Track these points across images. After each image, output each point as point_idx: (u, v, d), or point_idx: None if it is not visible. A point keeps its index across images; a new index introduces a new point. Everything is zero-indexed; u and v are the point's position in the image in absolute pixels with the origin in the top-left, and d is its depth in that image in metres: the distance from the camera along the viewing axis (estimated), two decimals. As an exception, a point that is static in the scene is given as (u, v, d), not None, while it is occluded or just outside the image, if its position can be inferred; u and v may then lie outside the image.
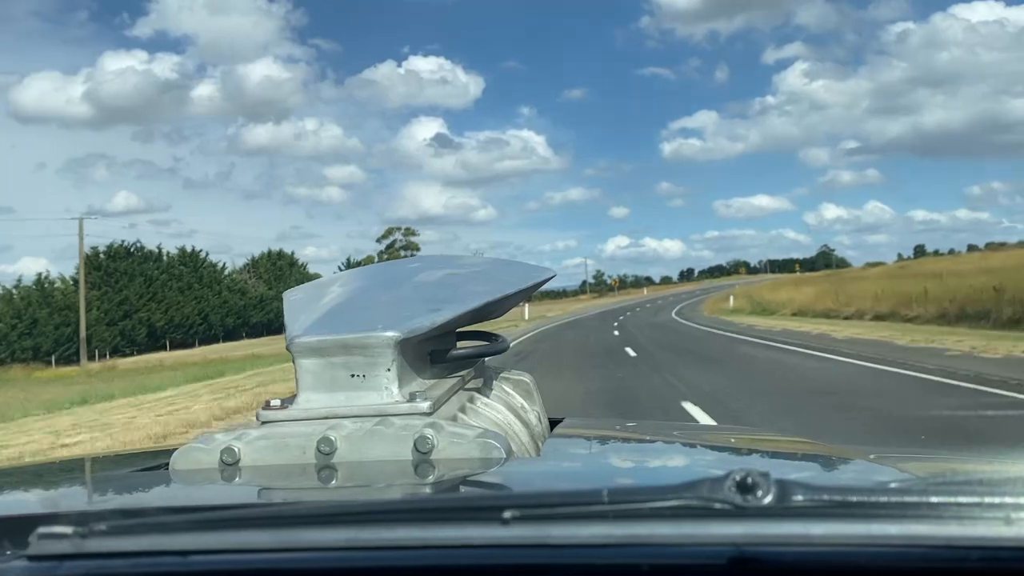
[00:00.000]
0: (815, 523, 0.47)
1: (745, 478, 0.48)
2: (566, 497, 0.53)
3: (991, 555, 0.46)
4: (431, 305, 0.93)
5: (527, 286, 1.13)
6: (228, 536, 0.52)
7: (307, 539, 0.51)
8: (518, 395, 1.12)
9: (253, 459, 0.77)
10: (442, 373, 0.99)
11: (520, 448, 0.94)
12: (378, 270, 1.26)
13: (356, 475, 0.73)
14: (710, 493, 0.48)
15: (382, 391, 0.83)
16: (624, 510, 0.49)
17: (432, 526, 0.50)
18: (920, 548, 0.47)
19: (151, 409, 11.07)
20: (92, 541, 0.52)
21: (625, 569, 0.49)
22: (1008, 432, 5.63)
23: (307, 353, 0.84)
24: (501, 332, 1.14)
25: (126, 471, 0.98)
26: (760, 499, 0.47)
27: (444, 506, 0.55)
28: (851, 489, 0.49)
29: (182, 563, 0.52)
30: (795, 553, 0.47)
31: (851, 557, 0.47)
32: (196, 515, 0.56)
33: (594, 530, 0.48)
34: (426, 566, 0.51)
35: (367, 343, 0.83)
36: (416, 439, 0.74)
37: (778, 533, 0.47)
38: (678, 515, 0.48)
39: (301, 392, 0.85)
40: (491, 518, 0.49)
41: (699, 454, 1.08)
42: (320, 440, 0.75)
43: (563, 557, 0.49)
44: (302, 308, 0.98)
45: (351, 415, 0.81)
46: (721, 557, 0.48)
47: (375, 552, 0.51)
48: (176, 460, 0.79)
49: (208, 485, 0.76)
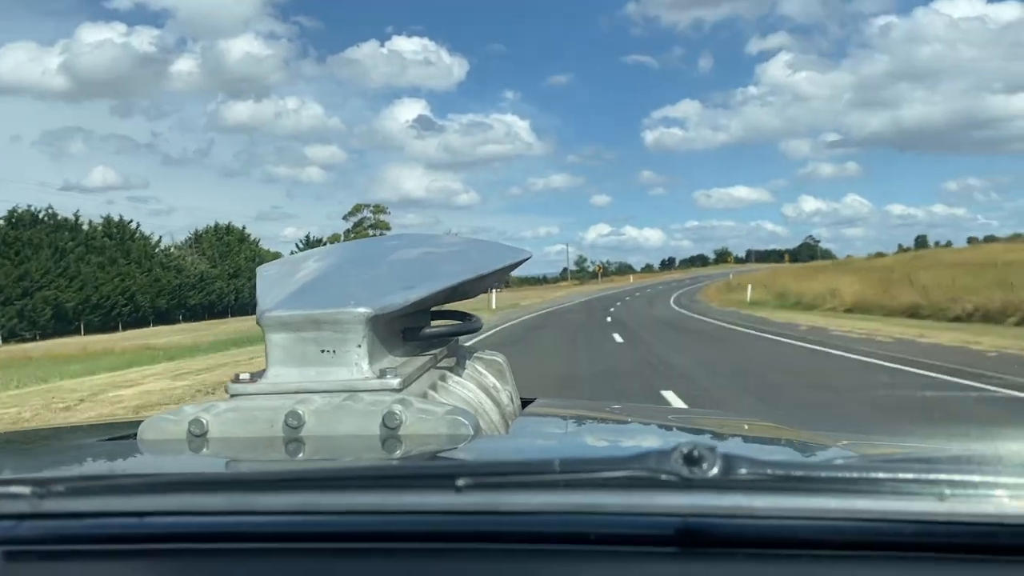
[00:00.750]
0: (758, 496, 0.50)
1: (692, 451, 0.51)
2: (518, 467, 0.57)
3: (924, 529, 0.50)
4: (405, 283, 0.96)
5: (503, 267, 1.16)
6: (184, 499, 0.55)
7: (262, 503, 0.54)
8: (490, 375, 1.15)
9: (221, 431, 0.79)
10: (414, 351, 1.02)
11: (490, 426, 0.97)
12: (354, 247, 1.29)
13: (323, 448, 0.76)
14: (657, 465, 0.51)
15: (352, 367, 0.86)
16: (574, 479, 0.52)
17: (387, 492, 0.53)
18: (858, 521, 0.50)
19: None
20: (49, 502, 0.54)
21: (573, 536, 0.52)
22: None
23: (277, 327, 0.87)
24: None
25: (93, 440, 1.00)
26: (706, 472, 0.50)
27: (399, 473, 0.58)
28: (794, 464, 0.53)
29: (138, 524, 0.55)
30: (738, 525, 0.51)
31: (792, 530, 0.51)
32: (152, 478, 0.58)
33: (544, 498, 0.52)
34: (380, 531, 0.53)
35: (338, 319, 0.86)
36: (384, 414, 0.76)
37: (722, 505, 0.50)
38: (626, 485, 0.51)
39: (271, 366, 0.87)
40: (444, 485, 0.52)
41: (659, 432, 1.12)
42: (288, 414, 0.77)
43: (514, 524, 0.53)
44: (274, 283, 1.00)
45: (321, 390, 0.83)
46: (667, 527, 0.51)
47: (330, 516, 0.53)
48: (144, 430, 0.81)
49: (173, 455, 0.78)
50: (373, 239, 1.39)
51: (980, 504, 0.49)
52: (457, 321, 1.14)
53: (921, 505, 0.50)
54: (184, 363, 15.78)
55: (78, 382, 12.52)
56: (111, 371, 14.82)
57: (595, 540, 0.52)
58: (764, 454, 0.58)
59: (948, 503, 0.49)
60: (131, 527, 0.55)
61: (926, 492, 0.50)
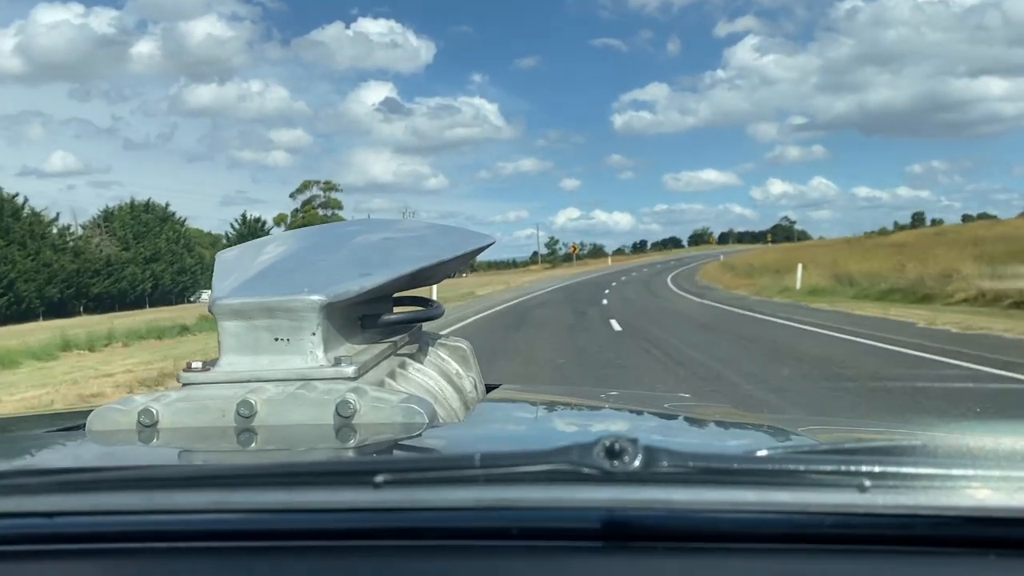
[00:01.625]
0: (678, 489, 0.52)
1: (613, 444, 0.52)
2: (438, 462, 0.58)
3: (843, 521, 0.52)
4: (362, 269, 0.96)
5: (465, 252, 1.17)
6: (93, 498, 0.56)
7: (174, 502, 0.55)
8: (453, 361, 1.16)
9: (172, 421, 0.80)
10: (374, 338, 1.03)
11: (450, 413, 0.99)
12: (314, 232, 1.28)
13: (275, 438, 0.76)
14: (579, 458, 0.52)
15: (306, 355, 0.86)
16: (495, 474, 0.53)
17: (302, 489, 0.54)
18: (777, 514, 0.52)
19: None
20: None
21: (494, 532, 0.54)
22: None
23: (229, 315, 0.87)
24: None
25: (41, 431, 1.00)
26: (627, 464, 0.52)
27: (315, 470, 0.59)
28: (714, 456, 0.54)
29: (48, 524, 0.56)
30: (659, 518, 0.53)
31: (712, 522, 0.53)
32: (60, 477, 0.60)
33: (464, 494, 0.53)
34: (295, 529, 0.55)
35: (291, 306, 0.86)
36: (338, 403, 0.77)
37: (642, 498, 0.52)
38: (547, 479, 0.52)
39: (223, 355, 0.88)
40: (362, 482, 0.53)
41: (600, 420, 1.14)
42: (240, 403, 0.78)
43: (433, 520, 0.54)
44: (231, 269, 1.01)
45: (274, 379, 0.84)
46: (587, 520, 0.53)
47: (243, 515, 0.55)
48: (92, 421, 0.81)
49: (122, 446, 0.79)
50: (334, 224, 1.39)
51: (899, 496, 0.51)
52: (419, 308, 1.16)
53: (841, 497, 0.51)
54: (31, 373, 12.12)
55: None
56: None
57: (517, 535, 0.53)
58: (689, 446, 0.59)
59: (868, 495, 0.51)
60: (42, 527, 0.56)
61: (846, 484, 0.51)
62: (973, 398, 6.48)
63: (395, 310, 1.12)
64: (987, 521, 0.50)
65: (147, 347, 16.26)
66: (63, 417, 1.07)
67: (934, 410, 6.36)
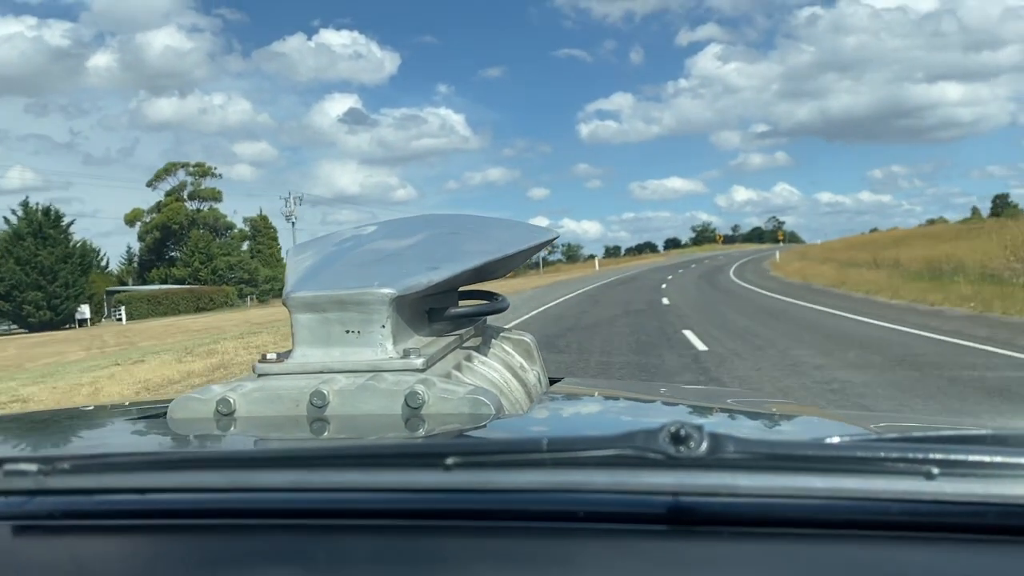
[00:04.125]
0: (743, 475, 0.53)
1: (679, 430, 0.53)
2: (507, 445, 0.60)
3: (910, 508, 0.52)
4: (430, 263, 0.98)
5: (529, 246, 1.19)
6: (182, 476, 0.59)
7: (258, 480, 0.58)
8: (517, 354, 1.19)
9: (248, 410, 0.83)
10: (440, 331, 1.05)
11: (515, 405, 1.00)
12: (381, 227, 1.30)
13: (346, 427, 0.80)
14: (645, 443, 0.53)
15: (376, 347, 0.89)
16: (561, 458, 0.54)
17: (377, 471, 0.57)
18: (844, 500, 0.53)
19: None
20: (54, 479, 0.59)
21: (561, 514, 0.55)
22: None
23: (302, 308, 0.90)
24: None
25: (125, 419, 1.05)
26: (692, 450, 0.53)
27: (389, 452, 0.61)
28: (780, 443, 0.55)
29: (140, 500, 0.60)
30: (724, 503, 0.54)
31: (778, 508, 0.53)
32: (151, 456, 0.63)
33: (532, 477, 0.54)
34: (370, 508, 0.57)
35: (362, 299, 0.89)
36: (407, 394, 0.80)
37: (707, 483, 0.53)
38: (613, 464, 0.54)
39: (296, 347, 0.91)
40: (434, 464, 0.55)
41: (664, 410, 1.15)
42: (313, 393, 0.81)
43: (502, 502, 0.56)
44: (302, 264, 1.04)
45: (345, 370, 0.87)
46: (653, 505, 0.55)
47: (322, 494, 0.57)
48: (173, 410, 0.86)
49: (202, 433, 0.83)
50: (401, 219, 1.38)
51: (968, 484, 0.51)
52: (484, 301, 1.18)
53: (908, 484, 0.52)
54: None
55: None
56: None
57: (583, 518, 0.55)
58: (753, 433, 0.59)
59: (936, 482, 0.51)
60: (133, 503, 0.60)
61: (913, 471, 0.52)
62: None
63: (460, 303, 1.14)
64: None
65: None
66: (145, 407, 1.11)
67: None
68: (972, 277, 16.66)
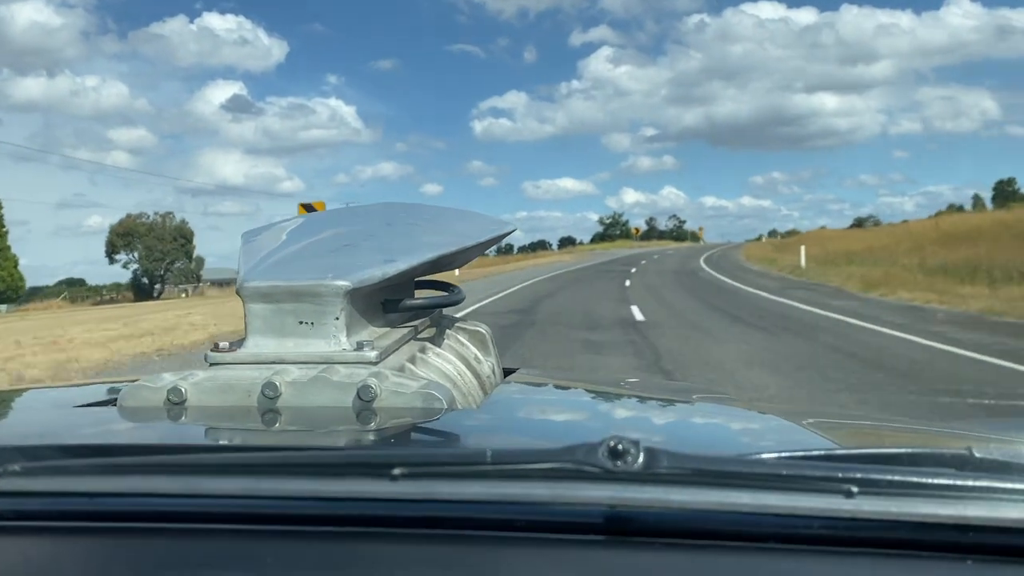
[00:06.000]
0: (676, 489, 0.56)
1: (616, 445, 0.56)
2: (452, 457, 0.63)
3: (831, 524, 0.56)
4: (385, 255, 0.98)
5: (487, 239, 1.19)
6: (131, 481, 0.61)
7: (206, 487, 0.60)
8: (472, 346, 1.19)
9: (199, 399, 0.83)
10: (395, 322, 1.06)
11: (468, 398, 1.02)
12: (336, 216, 1.30)
13: (298, 420, 0.80)
14: (584, 458, 0.56)
15: (330, 339, 0.90)
16: (505, 471, 0.58)
17: (325, 480, 0.59)
18: (768, 515, 0.56)
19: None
20: (4, 481, 0.61)
21: (503, 524, 0.58)
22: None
23: (256, 298, 0.90)
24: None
25: (72, 407, 1.04)
26: (629, 465, 0.56)
27: (338, 461, 0.63)
28: (711, 459, 0.59)
29: (89, 503, 0.61)
30: (657, 516, 0.57)
31: (707, 521, 0.57)
32: (101, 459, 0.64)
33: (475, 488, 0.57)
34: (319, 515, 0.60)
35: (317, 291, 0.89)
36: (360, 388, 0.80)
37: (642, 497, 0.56)
38: (553, 477, 0.57)
39: (250, 336, 0.91)
40: (381, 474, 0.58)
41: (612, 411, 1.17)
42: (265, 384, 0.81)
43: (446, 511, 0.59)
44: (256, 251, 1.03)
45: (298, 361, 0.88)
46: (590, 516, 0.58)
47: (270, 501, 0.60)
48: (124, 398, 0.86)
49: (152, 423, 0.83)
50: (355, 208, 1.41)
51: (883, 503, 0.55)
52: (439, 293, 1.18)
53: (828, 502, 0.55)
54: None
55: None
56: None
57: (523, 527, 0.58)
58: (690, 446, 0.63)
59: (854, 500, 0.55)
60: (82, 506, 0.61)
61: (834, 489, 0.55)
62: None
63: (416, 295, 1.14)
64: (965, 528, 0.54)
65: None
66: (92, 391, 1.12)
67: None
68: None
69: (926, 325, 10.87)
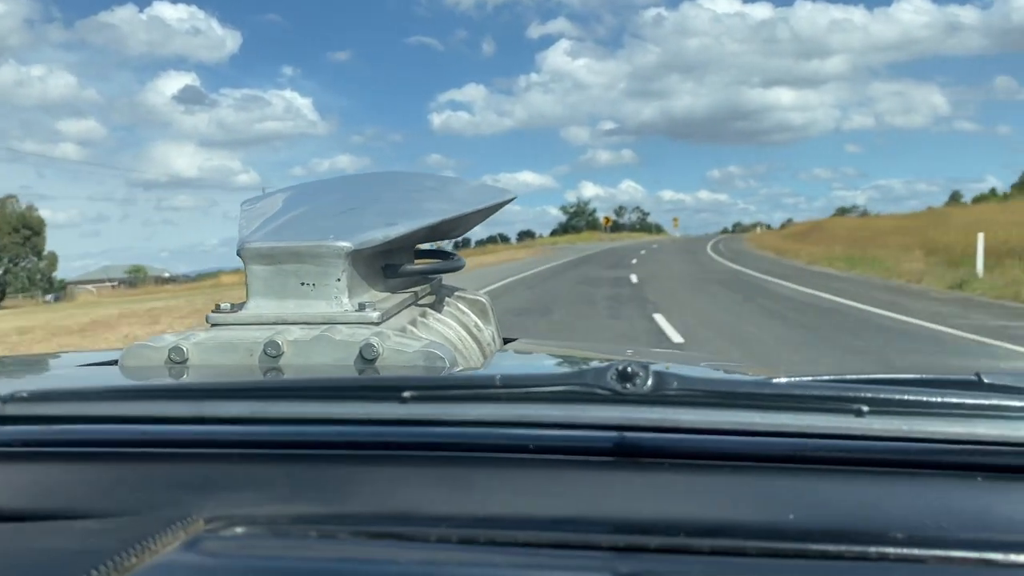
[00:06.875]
0: (686, 410, 0.57)
1: (626, 368, 0.57)
2: (462, 381, 0.64)
3: (840, 445, 0.57)
4: (386, 219, 0.99)
5: (486, 206, 1.19)
6: (141, 406, 0.61)
7: (216, 411, 0.60)
8: (472, 313, 1.20)
9: (201, 359, 0.84)
10: (395, 287, 1.06)
11: (469, 362, 1.02)
12: (337, 182, 1.31)
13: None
14: (593, 380, 0.57)
15: (332, 300, 0.90)
16: (514, 393, 0.58)
17: (336, 403, 0.59)
18: (780, 435, 0.57)
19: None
20: (12, 406, 0.61)
21: (513, 447, 0.59)
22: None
23: (257, 259, 0.91)
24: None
25: (75, 366, 1.05)
26: (638, 387, 0.57)
27: (348, 385, 0.63)
28: (721, 381, 0.60)
29: (98, 430, 0.61)
30: (667, 438, 0.58)
31: (717, 442, 0.57)
32: (112, 387, 0.64)
33: (486, 410, 0.58)
34: (329, 439, 0.60)
35: (318, 252, 0.90)
36: (362, 346, 0.81)
37: (651, 418, 0.57)
38: (563, 399, 0.58)
39: (251, 297, 0.91)
40: (391, 397, 0.59)
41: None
42: (267, 343, 0.82)
43: (456, 435, 0.59)
44: (256, 215, 1.03)
45: (300, 322, 0.88)
46: (599, 439, 0.58)
47: (281, 425, 0.60)
48: (125, 357, 0.86)
49: (153, 380, 0.84)
50: (355, 175, 1.42)
51: (893, 421, 0.56)
52: (439, 259, 1.19)
53: (839, 420, 0.56)
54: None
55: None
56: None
57: (533, 450, 0.58)
58: (697, 374, 0.64)
59: (864, 419, 0.56)
60: (91, 433, 0.62)
61: (844, 409, 0.56)
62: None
63: (415, 262, 1.15)
64: (975, 446, 0.55)
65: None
66: (94, 355, 1.11)
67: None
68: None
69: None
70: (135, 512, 0.53)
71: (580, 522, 0.51)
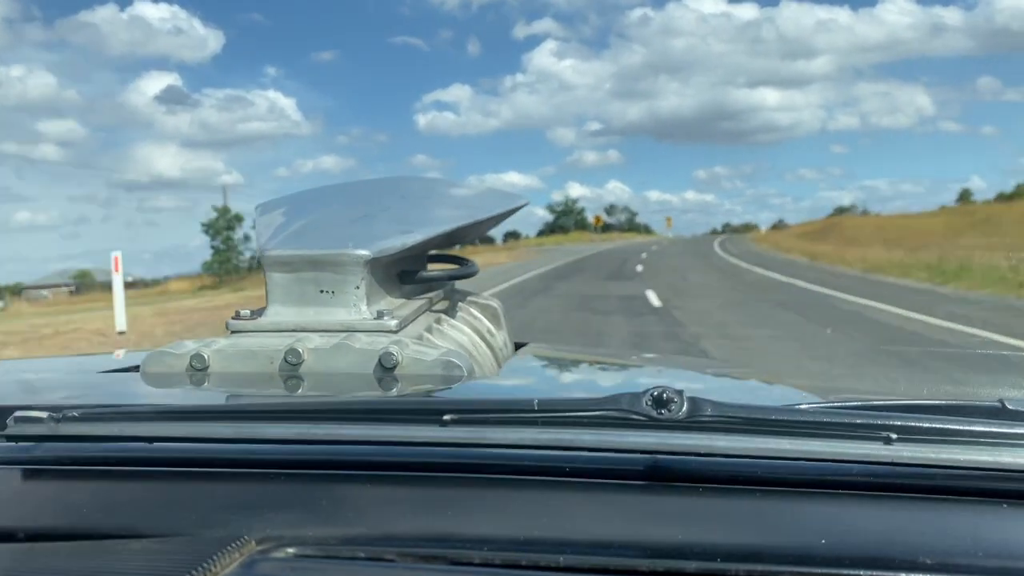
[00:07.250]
0: (719, 436, 0.58)
1: (661, 394, 0.58)
2: (500, 404, 0.64)
3: (870, 470, 0.58)
4: (403, 226, 1.00)
5: (500, 212, 1.20)
6: (191, 427, 0.62)
7: (264, 432, 0.61)
8: (485, 319, 1.21)
9: (221, 366, 0.84)
10: (411, 294, 1.07)
11: (482, 369, 1.03)
12: (353, 188, 1.32)
13: (320, 386, 0.82)
14: (629, 406, 0.58)
15: (350, 308, 0.91)
16: (551, 418, 0.59)
17: (379, 425, 0.61)
18: (810, 461, 0.58)
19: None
20: (65, 425, 0.62)
21: (549, 469, 0.60)
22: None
23: (277, 267, 0.91)
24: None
25: (98, 372, 1.06)
26: (673, 413, 0.58)
27: (390, 408, 0.65)
28: (754, 408, 0.60)
29: (147, 449, 0.63)
30: (700, 463, 0.59)
31: (749, 467, 0.59)
32: (162, 407, 0.66)
33: (523, 434, 0.59)
34: (372, 460, 0.62)
35: (338, 260, 0.90)
36: (381, 355, 0.81)
37: (686, 444, 0.58)
38: (599, 424, 0.59)
39: (271, 305, 0.91)
40: (432, 420, 0.60)
41: (636, 375, 1.20)
42: (288, 351, 0.82)
43: (495, 457, 0.61)
44: (274, 221, 1.03)
45: (319, 329, 0.88)
46: (635, 464, 0.60)
47: (326, 446, 0.61)
48: (147, 363, 0.86)
49: (176, 387, 0.84)
50: (371, 180, 1.43)
51: (921, 449, 0.57)
52: (454, 265, 1.21)
53: (868, 448, 0.57)
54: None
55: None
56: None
57: (569, 473, 0.60)
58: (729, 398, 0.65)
59: (893, 447, 0.56)
60: (141, 451, 0.63)
61: (873, 436, 0.57)
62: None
63: (429, 268, 1.17)
64: (1000, 474, 0.56)
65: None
66: (114, 360, 1.12)
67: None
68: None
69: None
70: (188, 532, 0.54)
71: (619, 546, 0.52)
